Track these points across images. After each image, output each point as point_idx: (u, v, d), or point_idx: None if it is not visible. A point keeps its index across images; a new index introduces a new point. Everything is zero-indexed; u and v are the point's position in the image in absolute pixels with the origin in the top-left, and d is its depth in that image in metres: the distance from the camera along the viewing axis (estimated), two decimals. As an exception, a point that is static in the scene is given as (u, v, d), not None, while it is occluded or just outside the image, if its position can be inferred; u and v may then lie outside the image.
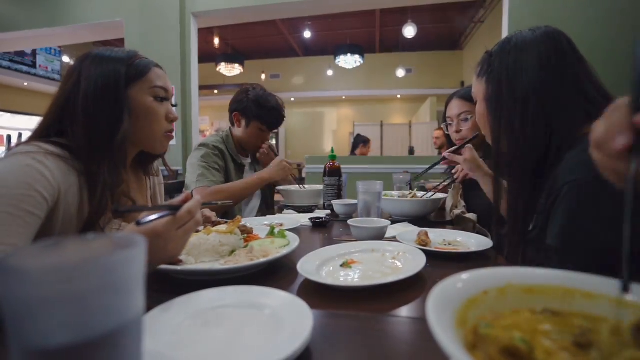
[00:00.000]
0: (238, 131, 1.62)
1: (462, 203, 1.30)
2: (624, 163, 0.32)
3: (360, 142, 5.27)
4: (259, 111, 1.56)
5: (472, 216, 1.15)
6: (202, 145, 1.55)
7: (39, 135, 0.75)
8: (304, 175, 4.17)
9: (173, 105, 0.91)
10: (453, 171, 1.31)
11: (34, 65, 7.59)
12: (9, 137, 3.47)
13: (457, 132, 1.39)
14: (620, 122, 0.33)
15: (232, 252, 0.75)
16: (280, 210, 1.57)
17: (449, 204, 1.32)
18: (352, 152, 5.35)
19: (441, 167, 1.65)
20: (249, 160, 1.72)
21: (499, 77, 0.75)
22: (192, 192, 1.42)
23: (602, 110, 0.65)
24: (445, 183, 1.41)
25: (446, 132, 1.48)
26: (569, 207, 0.59)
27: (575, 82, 0.70)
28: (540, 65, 0.70)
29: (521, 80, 0.71)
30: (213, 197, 1.36)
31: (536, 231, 0.67)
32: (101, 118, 0.74)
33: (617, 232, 0.52)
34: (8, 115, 7.78)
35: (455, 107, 1.40)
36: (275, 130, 1.73)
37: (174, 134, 0.91)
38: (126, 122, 0.76)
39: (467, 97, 1.37)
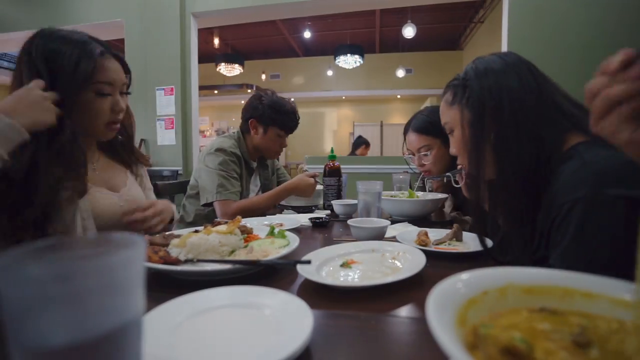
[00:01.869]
0: (255, 138, 1.61)
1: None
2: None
3: (362, 143, 5.31)
4: (277, 116, 1.56)
5: (469, 218, 1.16)
6: (219, 150, 1.52)
7: None
8: (304, 175, 4.16)
9: (126, 93, 0.94)
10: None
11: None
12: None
13: (421, 165, 1.39)
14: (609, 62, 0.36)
15: (232, 252, 0.75)
16: (280, 211, 1.57)
17: (449, 205, 1.32)
18: (353, 152, 5.37)
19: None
20: (255, 163, 1.72)
21: (481, 101, 0.74)
22: (212, 203, 1.45)
23: (580, 119, 0.71)
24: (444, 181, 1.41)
25: (409, 164, 1.47)
26: (572, 226, 0.58)
27: (551, 99, 0.72)
28: (521, 85, 0.72)
29: (506, 101, 0.71)
30: (235, 215, 1.36)
31: (541, 252, 0.67)
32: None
33: (620, 249, 0.52)
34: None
35: (414, 141, 1.38)
36: None
37: (118, 125, 0.93)
38: (67, 123, 0.80)
39: (422, 130, 1.35)
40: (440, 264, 0.73)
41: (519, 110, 0.70)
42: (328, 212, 1.43)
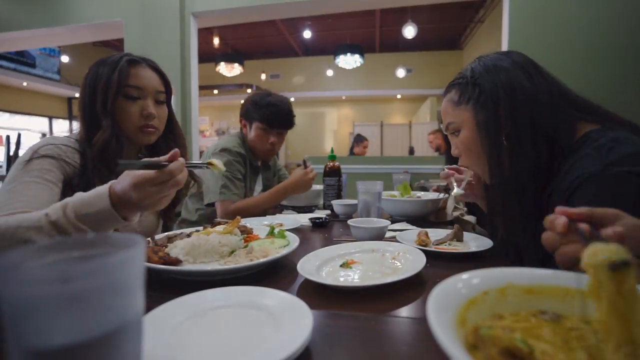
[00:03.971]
0: (248, 137, 1.62)
1: (462, 205, 1.30)
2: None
3: (355, 141, 5.30)
4: (257, 110, 1.55)
5: (471, 218, 1.16)
6: (224, 150, 1.51)
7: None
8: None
9: (164, 102, 0.99)
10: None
11: (33, 65, 7.58)
12: (7, 137, 3.46)
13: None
14: (552, 218, 0.42)
15: (232, 252, 0.75)
16: (280, 211, 1.57)
17: (450, 205, 1.32)
18: (351, 152, 5.36)
19: (440, 167, 1.65)
20: (259, 163, 1.71)
21: (494, 99, 0.73)
22: (214, 204, 1.44)
23: (588, 105, 0.74)
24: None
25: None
26: (582, 201, 0.58)
27: (560, 91, 0.73)
28: (531, 82, 0.72)
29: (520, 98, 0.71)
30: (236, 214, 1.35)
31: None
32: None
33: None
34: (7, 115, 7.79)
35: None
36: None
37: (152, 129, 0.96)
38: (105, 124, 0.89)
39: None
40: (440, 264, 0.73)
41: (533, 106, 0.70)
42: (328, 212, 1.43)
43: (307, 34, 7.32)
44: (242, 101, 1.66)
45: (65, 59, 8.26)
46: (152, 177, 0.62)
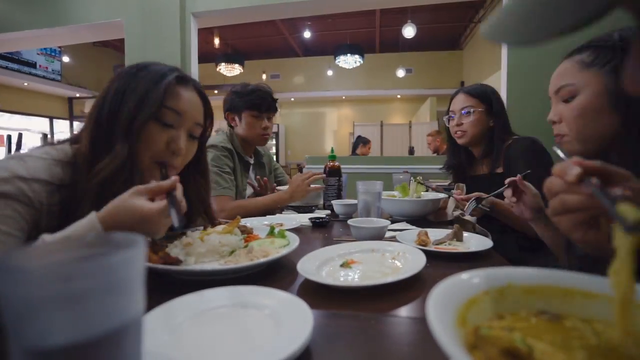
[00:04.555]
0: (238, 129, 1.62)
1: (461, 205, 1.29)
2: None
3: (360, 142, 5.32)
4: (242, 99, 1.56)
5: (471, 218, 1.16)
6: (210, 147, 1.50)
7: None
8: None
9: (197, 139, 0.81)
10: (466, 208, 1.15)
11: (34, 65, 7.59)
12: (9, 137, 3.47)
13: (458, 125, 1.41)
14: (563, 166, 0.42)
15: (232, 252, 0.75)
16: (280, 210, 1.57)
17: (450, 205, 1.32)
18: (353, 152, 5.37)
19: (439, 167, 1.66)
20: (252, 160, 1.71)
21: None
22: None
23: None
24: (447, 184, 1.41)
25: (446, 125, 1.49)
26: None
27: None
28: None
29: None
30: (233, 212, 1.35)
31: None
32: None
33: None
34: (7, 115, 7.79)
35: (459, 101, 1.42)
36: (274, 120, 1.68)
37: (169, 169, 0.75)
38: (119, 149, 0.68)
39: (472, 92, 1.40)
40: (440, 264, 0.73)
41: None
42: (328, 212, 1.43)
43: (307, 34, 7.33)
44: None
45: (65, 59, 8.27)
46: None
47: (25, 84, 7.65)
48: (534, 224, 0.87)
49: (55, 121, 8.87)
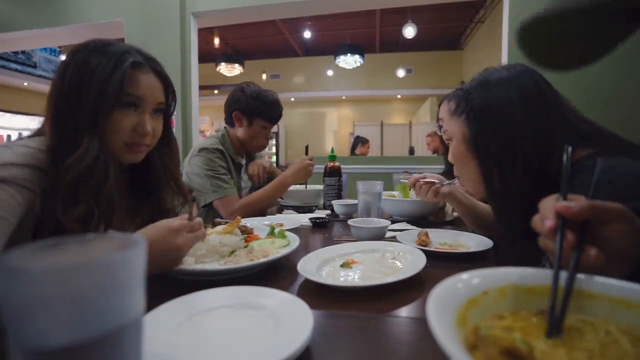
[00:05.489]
0: (239, 131, 1.57)
1: None
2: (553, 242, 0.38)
3: (359, 141, 5.32)
4: (261, 107, 1.52)
5: None
6: (202, 150, 1.49)
7: None
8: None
9: (162, 112, 0.82)
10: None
11: (34, 65, 7.58)
12: (9, 137, 3.47)
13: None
14: (547, 210, 0.40)
15: (233, 252, 0.75)
16: (280, 211, 1.57)
17: (450, 207, 1.32)
18: (352, 152, 5.38)
19: (440, 167, 1.65)
20: (244, 160, 1.68)
21: (481, 116, 0.71)
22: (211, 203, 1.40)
23: (594, 139, 0.68)
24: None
25: (439, 134, 1.48)
26: None
27: (561, 115, 0.69)
28: (524, 99, 0.68)
29: (506, 117, 0.68)
30: (244, 211, 1.33)
31: None
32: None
33: None
34: (8, 115, 7.79)
35: (443, 110, 1.40)
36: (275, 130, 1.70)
37: (141, 148, 0.78)
38: (88, 142, 0.68)
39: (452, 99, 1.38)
40: (440, 264, 0.73)
41: (522, 129, 0.67)
42: (329, 212, 1.43)
43: (307, 34, 7.32)
44: (231, 93, 1.60)
45: (65, 59, 8.26)
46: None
47: (25, 84, 7.64)
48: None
49: (55, 121, 8.85)
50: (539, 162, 0.66)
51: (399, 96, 9.61)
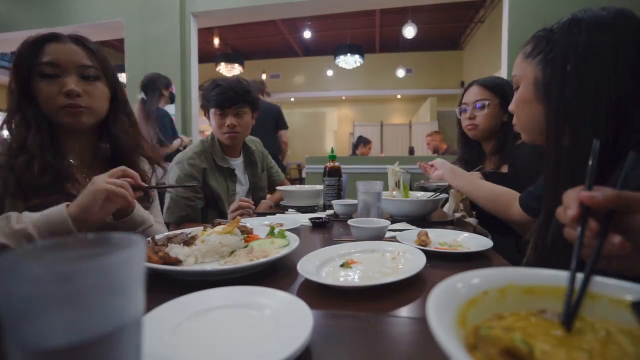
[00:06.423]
0: (212, 128, 1.55)
1: (461, 207, 1.29)
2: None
3: (361, 142, 5.34)
4: (207, 95, 1.51)
5: (472, 220, 1.16)
6: (177, 163, 1.46)
7: None
8: (303, 175, 4.18)
9: (90, 79, 0.89)
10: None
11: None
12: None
13: (470, 118, 1.39)
14: (571, 199, 0.40)
15: (232, 252, 0.75)
16: (282, 211, 1.56)
17: (450, 207, 1.32)
18: (354, 153, 5.39)
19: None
20: (240, 160, 1.65)
21: (563, 60, 0.63)
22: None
23: None
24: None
25: (458, 117, 1.48)
26: None
27: None
28: (618, 52, 0.59)
29: (594, 67, 0.60)
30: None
31: None
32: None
33: None
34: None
35: (473, 94, 1.38)
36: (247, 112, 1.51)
37: (78, 110, 0.88)
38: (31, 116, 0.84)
39: (487, 85, 1.36)
40: (440, 264, 0.73)
41: (607, 82, 0.59)
42: (331, 212, 1.42)
43: (307, 34, 7.33)
44: None
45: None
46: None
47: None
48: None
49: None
50: (616, 119, 0.59)
51: (398, 96, 9.61)
